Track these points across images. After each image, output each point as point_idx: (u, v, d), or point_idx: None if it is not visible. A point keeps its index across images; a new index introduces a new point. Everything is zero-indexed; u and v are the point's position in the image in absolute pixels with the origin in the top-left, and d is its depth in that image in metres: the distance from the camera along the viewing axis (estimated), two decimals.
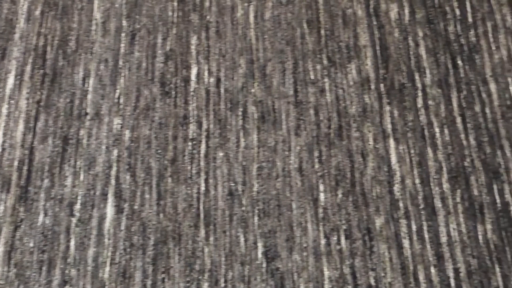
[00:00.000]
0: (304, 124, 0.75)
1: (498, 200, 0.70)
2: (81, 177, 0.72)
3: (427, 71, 0.78)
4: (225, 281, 0.66)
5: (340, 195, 0.71)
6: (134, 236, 0.69)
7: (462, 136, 0.74)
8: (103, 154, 0.73)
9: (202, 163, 0.73)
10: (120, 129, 0.75)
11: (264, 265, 0.67)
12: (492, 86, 0.77)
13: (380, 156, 0.73)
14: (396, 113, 0.75)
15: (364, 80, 0.77)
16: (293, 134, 0.74)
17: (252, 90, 0.77)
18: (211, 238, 0.68)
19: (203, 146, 0.74)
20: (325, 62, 0.78)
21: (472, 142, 0.73)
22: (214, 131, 0.74)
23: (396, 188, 0.71)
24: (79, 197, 0.71)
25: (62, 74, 0.78)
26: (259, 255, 0.68)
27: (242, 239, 0.68)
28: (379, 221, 0.69)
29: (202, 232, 0.69)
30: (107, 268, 0.67)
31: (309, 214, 0.70)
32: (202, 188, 0.71)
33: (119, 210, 0.70)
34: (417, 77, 0.77)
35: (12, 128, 0.75)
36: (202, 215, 0.70)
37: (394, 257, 0.67)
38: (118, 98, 0.77)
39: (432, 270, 0.67)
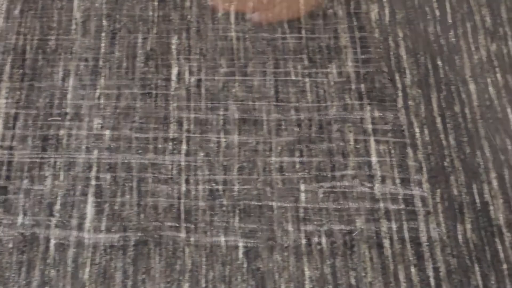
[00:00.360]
0: (285, 124, 0.75)
1: (477, 200, 0.71)
2: (61, 177, 0.71)
3: (407, 72, 0.78)
4: (206, 282, 0.66)
5: (321, 195, 0.71)
6: (115, 236, 0.68)
7: (442, 136, 0.74)
8: (83, 154, 0.73)
9: (182, 163, 0.72)
10: (100, 129, 0.74)
11: (245, 265, 0.67)
12: (472, 87, 0.77)
13: (360, 156, 0.73)
14: (376, 113, 0.75)
15: (345, 80, 0.77)
16: (274, 134, 0.74)
17: (233, 90, 0.77)
18: (192, 239, 0.68)
19: (183, 147, 0.73)
20: (306, 62, 0.78)
21: (452, 142, 0.74)
22: (195, 131, 0.74)
23: (377, 188, 0.71)
24: (58, 198, 0.70)
25: (42, 73, 0.78)
26: (240, 255, 0.68)
27: (223, 239, 0.68)
28: (359, 221, 0.69)
29: (183, 233, 0.69)
30: (87, 269, 0.67)
31: (290, 214, 0.70)
32: (183, 188, 0.71)
33: (99, 210, 0.70)
34: (397, 77, 0.78)
35: None
36: (182, 216, 0.70)
37: (374, 256, 0.68)
38: (98, 98, 0.76)
39: (412, 269, 0.67)
